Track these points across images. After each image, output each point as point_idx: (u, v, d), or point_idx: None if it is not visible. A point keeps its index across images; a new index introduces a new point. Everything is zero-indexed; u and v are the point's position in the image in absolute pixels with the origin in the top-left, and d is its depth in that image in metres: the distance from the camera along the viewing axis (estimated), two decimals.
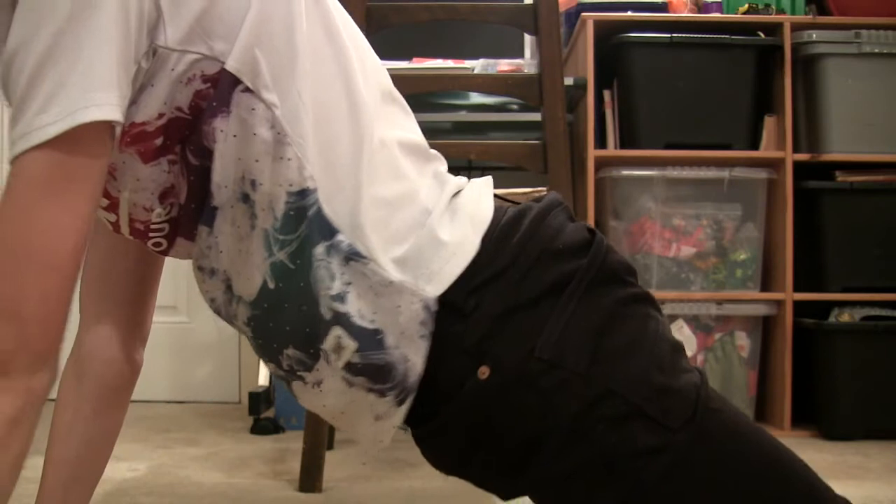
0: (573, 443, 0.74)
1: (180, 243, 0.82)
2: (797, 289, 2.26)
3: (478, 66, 2.37)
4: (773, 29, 2.32)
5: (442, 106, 2.50)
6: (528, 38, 2.70)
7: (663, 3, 2.45)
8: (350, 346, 0.75)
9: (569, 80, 2.24)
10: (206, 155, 0.74)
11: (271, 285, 0.75)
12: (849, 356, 2.20)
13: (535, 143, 1.55)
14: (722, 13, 2.44)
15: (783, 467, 0.83)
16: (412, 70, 2.34)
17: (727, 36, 2.29)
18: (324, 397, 0.79)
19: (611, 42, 2.30)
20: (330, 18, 0.79)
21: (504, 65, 2.40)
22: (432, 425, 0.78)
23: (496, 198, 0.85)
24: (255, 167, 0.73)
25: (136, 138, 0.72)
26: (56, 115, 0.64)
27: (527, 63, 2.60)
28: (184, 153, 0.74)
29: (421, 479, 1.70)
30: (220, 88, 0.71)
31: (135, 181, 0.75)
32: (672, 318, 2.27)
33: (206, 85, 0.71)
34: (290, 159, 0.73)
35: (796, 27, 2.30)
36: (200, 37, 0.70)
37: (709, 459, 0.76)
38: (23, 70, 0.64)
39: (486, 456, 0.78)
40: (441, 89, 2.14)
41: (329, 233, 0.74)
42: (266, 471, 1.81)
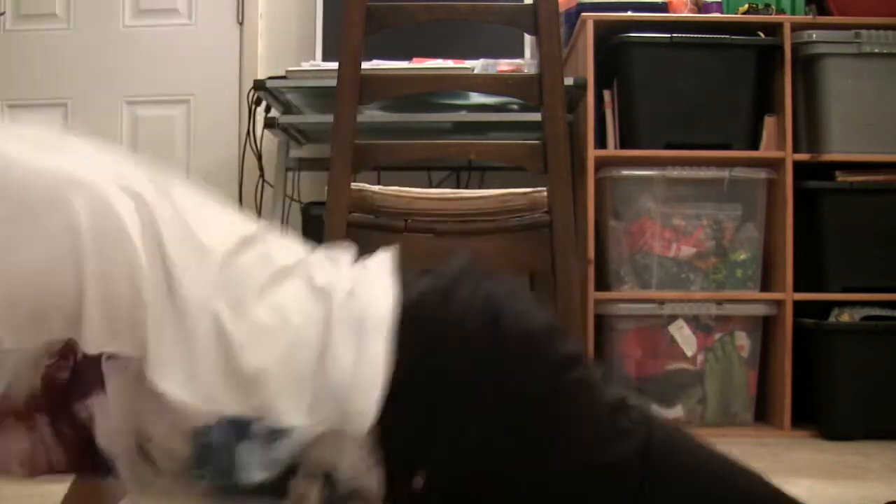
0: None
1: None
2: (797, 289, 2.26)
3: (478, 66, 2.37)
4: (773, 29, 2.32)
5: (442, 106, 2.50)
6: (528, 38, 2.70)
7: (663, 3, 2.45)
8: (311, 489, 0.74)
9: (569, 80, 2.25)
10: (80, 427, 0.71)
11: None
12: (849, 356, 2.20)
13: (535, 143, 1.54)
14: (722, 13, 2.44)
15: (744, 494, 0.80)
16: (412, 70, 2.34)
17: (727, 36, 2.29)
18: None
19: (611, 42, 2.30)
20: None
21: (504, 65, 2.41)
22: None
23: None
24: (148, 417, 0.71)
25: None
26: None
27: (527, 63, 2.60)
28: (52, 424, 0.71)
29: None
30: (84, 368, 0.69)
31: None
32: (672, 318, 2.27)
33: (55, 359, 0.69)
34: (169, 411, 0.70)
35: (796, 27, 2.30)
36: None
37: None
38: None
39: None
40: (441, 89, 2.14)
41: (245, 429, 0.71)
42: None
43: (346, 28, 1.50)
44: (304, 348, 0.74)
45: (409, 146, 1.60)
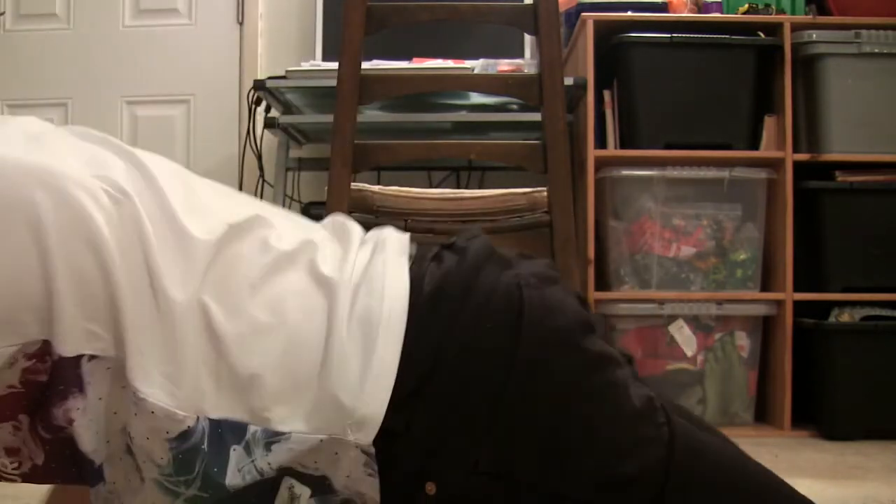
0: None
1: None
2: (797, 289, 2.26)
3: (478, 66, 2.38)
4: (773, 29, 2.32)
5: (442, 106, 2.50)
6: (528, 38, 2.70)
7: (663, 3, 2.45)
8: (304, 492, 0.69)
9: (569, 80, 2.25)
10: (60, 430, 0.67)
11: None
12: (849, 356, 2.20)
13: (535, 143, 1.54)
14: (722, 13, 2.44)
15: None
16: (412, 70, 2.34)
17: (727, 36, 2.29)
18: None
19: (611, 42, 2.30)
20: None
21: (504, 65, 2.41)
22: None
23: (413, 244, 0.76)
24: (129, 420, 0.67)
25: None
26: None
27: (527, 63, 2.60)
28: (33, 426, 0.67)
29: None
30: (61, 370, 0.65)
31: None
32: (672, 318, 2.27)
33: (32, 361, 0.65)
34: (152, 411, 0.65)
35: (796, 27, 2.30)
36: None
37: None
38: None
39: None
40: (441, 89, 2.14)
41: (238, 433, 0.67)
42: None
43: (346, 28, 1.50)
44: (304, 348, 0.69)
45: (409, 146, 1.60)
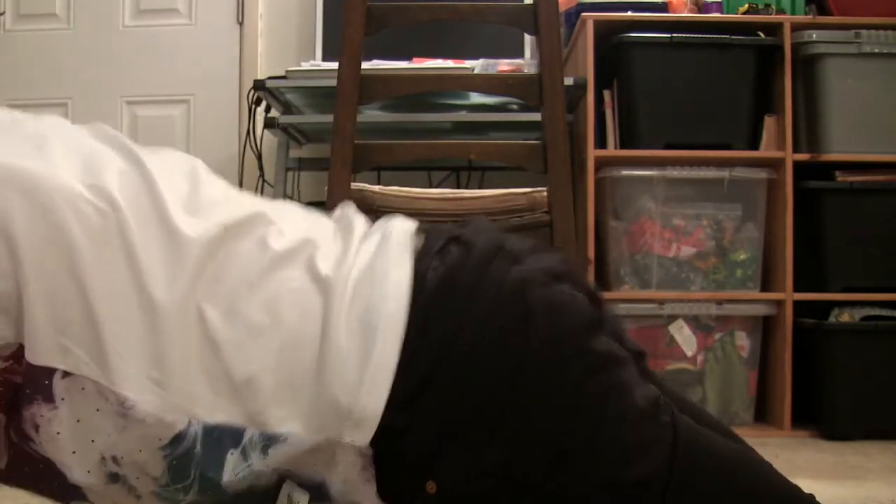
0: None
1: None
2: (797, 289, 2.26)
3: (478, 66, 2.37)
4: (773, 29, 2.32)
5: (442, 106, 2.50)
6: (528, 38, 2.70)
7: (663, 3, 2.45)
8: (303, 499, 0.69)
9: (569, 80, 2.24)
10: (26, 439, 0.66)
11: None
12: (849, 356, 2.20)
13: (535, 143, 1.54)
14: (722, 13, 2.44)
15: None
16: (412, 70, 2.34)
17: (727, 36, 2.29)
18: None
19: (611, 42, 2.30)
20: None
21: (504, 65, 2.41)
22: None
23: (420, 234, 0.75)
24: (115, 441, 0.66)
25: None
26: None
27: (527, 63, 2.60)
28: (7, 427, 0.67)
29: None
30: (31, 375, 0.64)
31: None
32: (672, 318, 2.27)
33: (10, 362, 0.64)
34: (142, 420, 0.65)
35: (796, 27, 2.30)
36: None
37: None
38: None
39: None
40: (441, 89, 2.14)
41: (235, 437, 0.67)
42: None
43: (346, 28, 1.50)
44: (300, 349, 0.68)
45: (409, 146, 1.60)
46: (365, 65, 1.56)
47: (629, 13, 2.38)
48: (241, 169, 2.99)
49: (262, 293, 0.69)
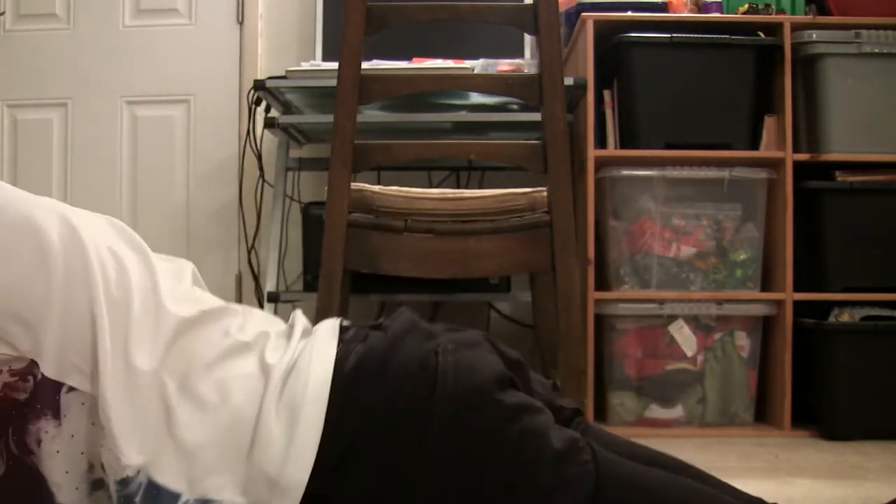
0: None
1: None
2: (797, 289, 2.26)
3: (478, 66, 2.37)
4: (773, 29, 2.32)
5: (442, 106, 2.50)
6: (528, 38, 2.70)
7: (663, 3, 2.45)
8: None
9: (569, 80, 2.25)
10: (27, 452, 0.73)
11: None
12: (849, 356, 2.20)
13: (535, 143, 1.55)
14: (722, 13, 2.44)
15: None
16: (412, 70, 2.34)
17: (727, 36, 2.29)
18: None
19: (611, 42, 2.30)
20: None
21: (504, 65, 2.41)
22: None
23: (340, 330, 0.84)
24: (101, 452, 0.74)
25: None
26: None
27: (527, 63, 2.60)
28: (3, 439, 0.73)
29: None
30: (43, 391, 0.72)
31: None
32: (672, 318, 2.27)
33: (15, 378, 0.72)
34: (110, 449, 0.73)
35: (796, 27, 2.30)
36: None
37: None
38: None
39: None
40: (441, 89, 2.14)
41: (172, 500, 0.73)
42: None
43: (346, 28, 1.50)
44: (240, 427, 0.76)
45: (409, 146, 1.60)
46: (365, 65, 1.56)
47: (629, 13, 2.38)
48: (241, 169, 2.99)
49: (217, 374, 0.79)
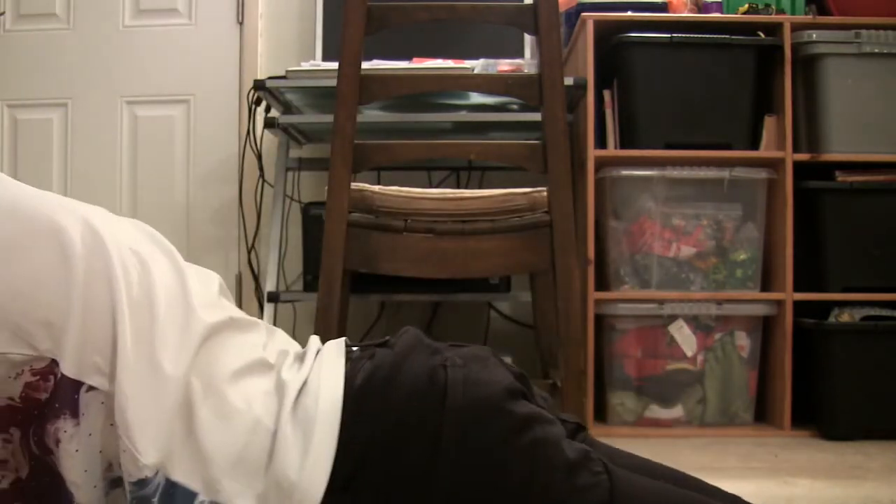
0: None
1: None
2: (797, 289, 2.26)
3: (478, 66, 2.37)
4: (773, 29, 2.32)
5: (442, 106, 2.50)
6: (528, 38, 2.70)
7: (663, 3, 2.45)
8: None
9: (569, 80, 2.25)
10: (47, 451, 0.73)
11: None
12: (849, 356, 2.20)
13: (535, 143, 1.55)
14: (722, 13, 2.44)
15: None
16: (412, 70, 2.34)
17: (727, 36, 2.29)
18: None
19: (611, 42, 2.30)
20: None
21: (504, 65, 2.40)
22: None
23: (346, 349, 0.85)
24: (116, 451, 0.73)
25: None
26: None
27: (527, 63, 2.60)
28: (24, 440, 0.73)
29: None
30: (62, 390, 0.72)
31: None
32: (672, 318, 2.27)
33: (36, 378, 0.72)
34: (125, 450, 0.72)
35: (796, 27, 2.30)
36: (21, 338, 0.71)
37: None
38: None
39: None
40: (441, 89, 2.14)
41: (188, 499, 0.74)
42: None
43: (346, 28, 1.50)
44: (260, 436, 0.77)
45: (409, 146, 1.60)
46: (365, 65, 1.56)
47: (629, 13, 2.38)
48: (241, 169, 2.99)
49: (242, 385, 0.79)
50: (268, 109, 2.60)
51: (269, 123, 2.52)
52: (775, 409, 2.30)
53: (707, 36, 2.29)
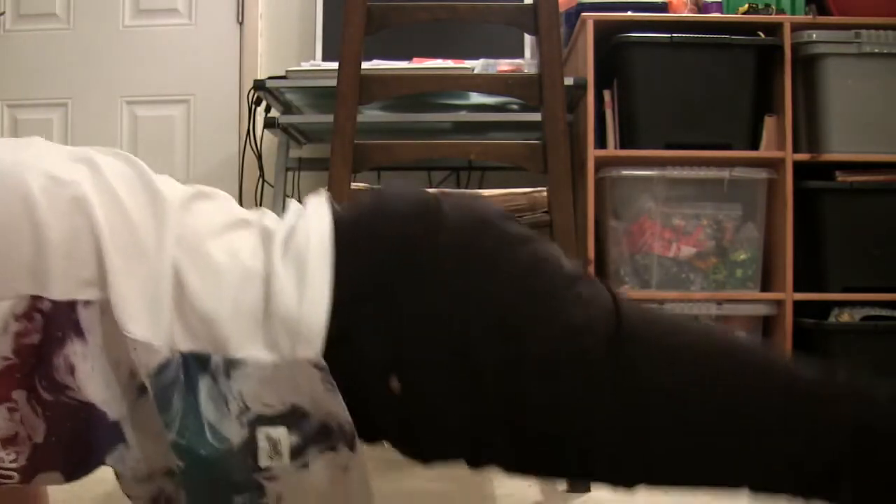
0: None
1: (48, 478, 0.74)
2: (797, 289, 2.26)
3: (478, 66, 2.37)
4: (773, 29, 2.32)
5: (442, 106, 2.50)
6: (528, 38, 2.70)
7: (663, 3, 2.45)
8: (281, 433, 0.74)
9: (569, 80, 2.25)
10: (63, 389, 0.71)
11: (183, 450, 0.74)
12: (849, 356, 2.20)
13: (535, 143, 1.55)
14: (722, 13, 2.44)
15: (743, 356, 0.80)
16: (412, 70, 2.34)
17: (727, 36, 2.29)
18: (298, 499, 0.77)
19: (611, 42, 2.30)
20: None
21: (504, 65, 2.41)
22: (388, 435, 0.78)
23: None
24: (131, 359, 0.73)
25: None
26: None
27: (527, 63, 2.60)
28: (32, 396, 0.71)
29: (421, 480, 1.70)
30: (56, 317, 0.71)
31: None
32: None
33: (22, 323, 0.70)
34: (134, 349, 0.72)
35: (796, 27, 2.30)
36: None
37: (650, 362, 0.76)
38: None
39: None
40: (441, 89, 2.14)
41: (203, 363, 0.73)
42: None
43: (346, 28, 1.51)
44: (253, 282, 0.76)
45: (409, 146, 1.60)
46: (365, 65, 1.56)
47: (629, 13, 2.38)
48: (241, 169, 2.99)
49: (224, 240, 0.79)
50: (268, 109, 2.60)
51: (269, 123, 2.52)
52: None
53: (707, 36, 2.29)
